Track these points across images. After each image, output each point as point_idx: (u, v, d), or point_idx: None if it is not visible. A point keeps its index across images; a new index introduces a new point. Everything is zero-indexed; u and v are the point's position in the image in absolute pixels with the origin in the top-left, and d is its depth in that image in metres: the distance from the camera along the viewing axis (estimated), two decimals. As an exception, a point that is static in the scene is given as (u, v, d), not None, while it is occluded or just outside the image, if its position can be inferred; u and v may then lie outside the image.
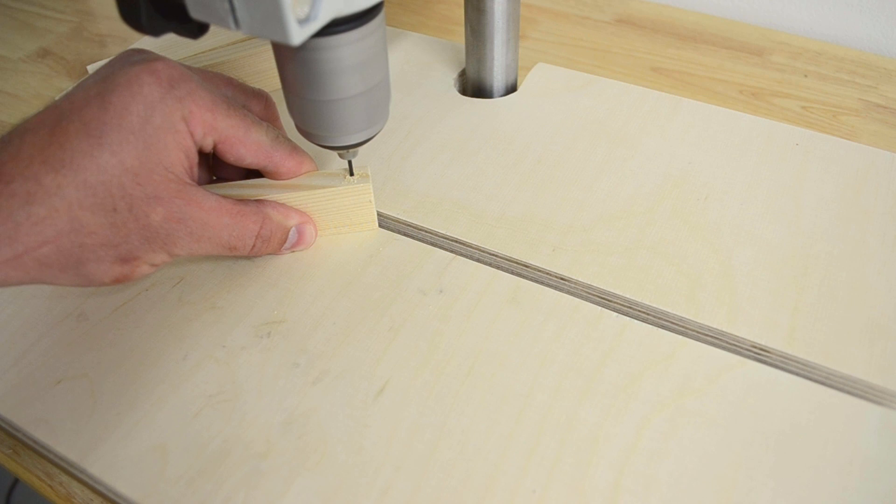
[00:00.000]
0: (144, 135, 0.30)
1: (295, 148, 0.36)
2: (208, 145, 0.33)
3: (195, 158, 0.33)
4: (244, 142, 0.33)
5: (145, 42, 0.56)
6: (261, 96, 0.37)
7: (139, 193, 0.30)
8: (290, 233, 0.37)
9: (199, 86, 0.32)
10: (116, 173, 0.29)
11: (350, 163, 0.37)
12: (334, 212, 0.38)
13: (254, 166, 0.35)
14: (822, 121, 0.49)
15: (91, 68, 0.50)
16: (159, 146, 0.30)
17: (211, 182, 0.38)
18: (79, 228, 0.29)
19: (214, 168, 0.38)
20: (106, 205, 0.29)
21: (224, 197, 0.34)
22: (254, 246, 0.35)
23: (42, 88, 0.55)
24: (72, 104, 0.30)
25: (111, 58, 0.33)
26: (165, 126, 0.30)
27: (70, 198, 0.28)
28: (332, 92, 0.32)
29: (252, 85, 0.38)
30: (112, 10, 0.64)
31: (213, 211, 0.33)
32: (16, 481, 0.83)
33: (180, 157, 0.31)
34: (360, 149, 0.36)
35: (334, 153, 0.37)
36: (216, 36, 0.51)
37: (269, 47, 0.43)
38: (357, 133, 0.34)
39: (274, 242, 0.36)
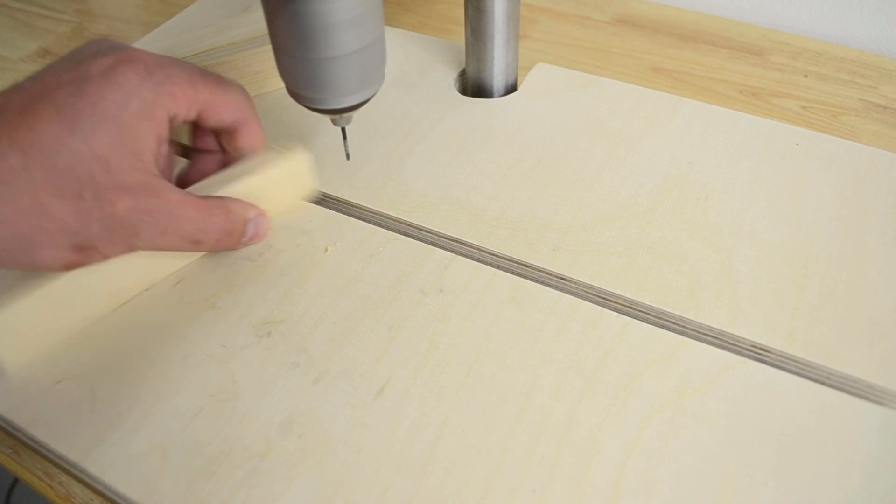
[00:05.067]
0: (119, 122, 0.29)
1: (260, 119, 0.37)
2: (192, 116, 0.33)
3: (166, 147, 0.33)
4: (225, 102, 0.34)
5: (146, 42, 0.56)
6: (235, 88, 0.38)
7: (107, 182, 0.29)
8: (249, 226, 0.37)
9: (173, 66, 0.32)
10: (86, 160, 0.29)
11: (344, 129, 0.36)
12: (276, 187, 0.39)
13: (231, 126, 0.36)
14: (822, 121, 0.49)
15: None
16: (132, 134, 0.30)
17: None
18: (41, 212, 0.29)
19: (192, 145, 0.38)
20: (72, 191, 0.29)
21: (186, 192, 0.34)
22: (218, 240, 0.35)
23: (42, 88, 0.55)
24: (43, 87, 0.29)
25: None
26: (142, 114, 0.30)
27: (35, 180, 0.28)
28: (325, 49, 0.31)
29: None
30: (112, 10, 0.64)
31: (179, 204, 0.33)
32: (16, 481, 0.82)
33: (152, 146, 0.31)
34: (360, 149, 0.36)
35: (326, 123, 0.36)
36: (216, 36, 0.51)
37: (269, 48, 0.43)
38: (351, 95, 0.33)
39: (235, 236, 0.37)
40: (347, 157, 0.42)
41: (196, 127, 0.37)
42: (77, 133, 0.29)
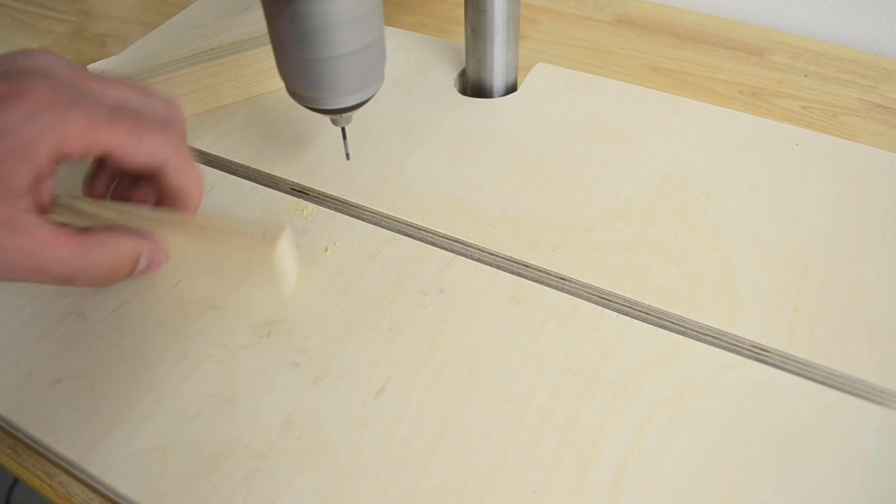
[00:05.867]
0: None
1: (194, 166, 0.34)
2: (97, 155, 0.31)
3: (50, 181, 0.31)
4: (137, 147, 0.31)
5: (146, 42, 0.56)
6: (168, 105, 0.35)
7: None
8: (141, 259, 0.34)
9: (74, 104, 0.30)
10: None
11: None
12: (244, 262, 0.34)
13: (148, 171, 0.33)
14: (822, 121, 0.49)
15: (91, 68, 0.50)
16: (1, 171, 0.29)
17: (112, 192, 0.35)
18: None
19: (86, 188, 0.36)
20: None
21: (66, 226, 0.31)
22: (98, 279, 0.32)
23: (42, 88, 0.55)
24: None
25: (111, 57, 0.31)
26: (15, 151, 0.29)
27: None
28: (324, 49, 0.30)
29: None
30: (112, 10, 0.64)
31: (45, 242, 0.30)
32: (16, 481, 0.82)
33: (24, 184, 0.30)
34: (360, 149, 0.36)
35: (326, 123, 0.36)
36: (216, 36, 0.51)
37: (269, 48, 0.43)
38: (351, 95, 0.33)
39: (120, 273, 0.33)
40: (347, 157, 0.42)
41: (101, 167, 0.35)
42: None
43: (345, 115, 0.35)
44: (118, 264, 0.33)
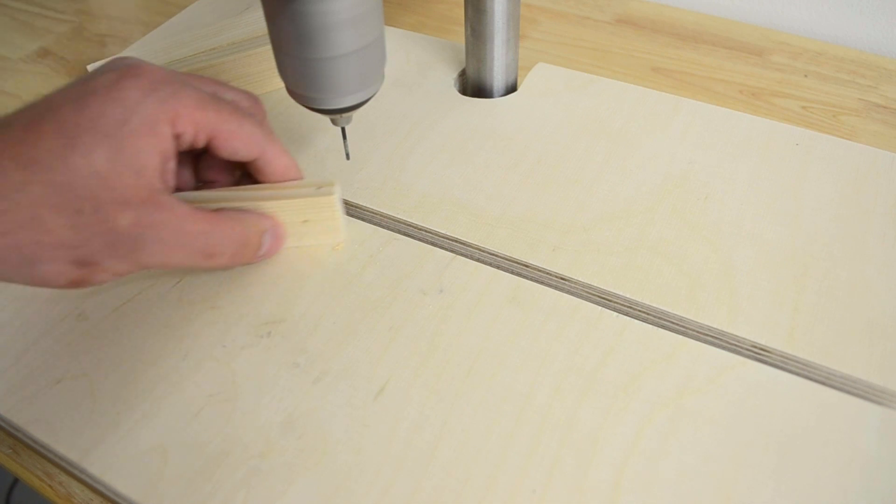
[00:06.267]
0: (119, 138, 0.29)
1: (286, 149, 0.36)
2: (201, 141, 0.33)
3: (172, 163, 0.32)
4: (238, 134, 0.33)
5: (146, 42, 0.56)
6: (249, 96, 0.37)
7: (107, 197, 0.29)
8: (265, 238, 0.36)
9: (183, 85, 0.32)
10: (85, 175, 0.29)
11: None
12: (299, 223, 0.38)
13: (247, 159, 0.35)
14: (822, 121, 0.49)
15: (91, 68, 0.50)
16: (133, 150, 0.30)
17: (196, 187, 0.37)
18: (38, 226, 0.29)
19: (200, 171, 0.38)
20: (70, 205, 0.29)
21: (196, 205, 0.33)
22: (233, 253, 0.35)
23: (42, 88, 0.55)
24: (49, 105, 0.30)
25: (111, 57, 0.33)
26: (143, 129, 0.30)
27: (34, 195, 0.28)
28: (324, 49, 0.31)
29: (250, 85, 0.37)
30: (112, 10, 0.64)
31: (186, 217, 0.32)
32: (16, 481, 0.82)
33: (155, 162, 0.31)
34: (360, 149, 0.36)
35: (326, 123, 0.36)
36: (216, 36, 0.51)
37: (269, 48, 0.43)
38: (350, 95, 0.33)
39: (250, 249, 0.36)
40: (347, 156, 0.42)
41: (206, 157, 0.37)
42: (77, 149, 0.29)
43: (344, 115, 0.35)
44: (247, 240, 0.35)
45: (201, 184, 0.38)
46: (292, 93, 0.34)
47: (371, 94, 0.34)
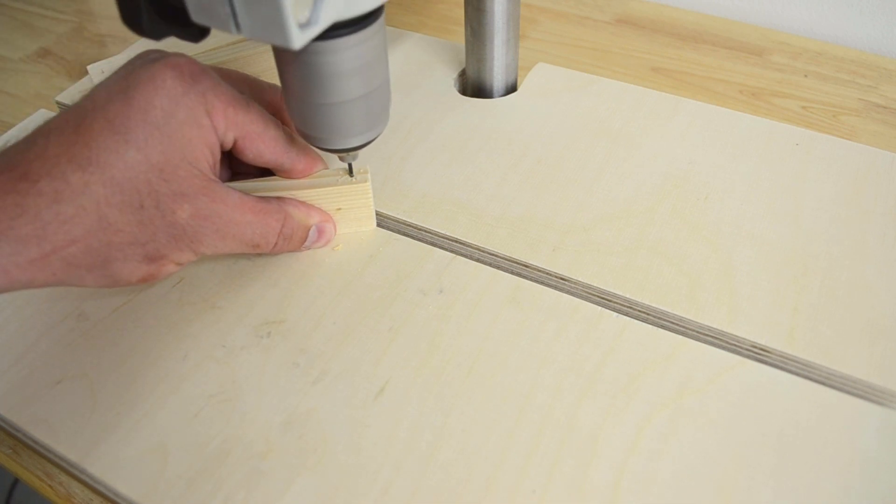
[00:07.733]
0: (169, 129, 0.29)
1: (307, 147, 0.36)
2: (229, 141, 0.33)
3: (218, 154, 0.32)
4: (263, 137, 0.33)
5: (145, 42, 0.56)
6: (275, 89, 0.37)
7: (165, 190, 0.30)
8: (311, 231, 0.37)
9: (218, 81, 0.32)
10: (143, 169, 0.29)
11: (350, 165, 0.37)
12: (333, 211, 0.39)
13: (270, 164, 0.35)
14: (822, 121, 0.49)
15: (91, 68, 0.50)
16: (183, 141, 0.30)
17: (231, 180, 0.38)
18: (107, 226, 0.29)
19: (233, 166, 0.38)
20: (133, 202, 0.29)
21: (245, 194, 0.34)
22: (276, 244, 0.35)
23: (42, 88, 0.55)
24: (94, 102, 0.29)
25: (111, 57, 0.33)
26: (189, 120, 0.30)
27: (97, 195, 0.28)
28: (332, 95, 0.32)
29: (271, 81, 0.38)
30: (112, 10, 0.64)
31: (237, 208, 0.32)
32: (16, 481, 0.82)
33: (205, 153, 0.31)
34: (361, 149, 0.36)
35: (334, 155, 0.37)
36: (215, 37, 0.51)
37: (268, 48, 0.44)
38: (357, 136, 0.34)
39: (295, 240, 0.37)
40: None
41: (231, 157, 0.37)
42: (131, 144, 0.29)
43: (351, 152, 0.36)
44: (290, 234, 0.36)
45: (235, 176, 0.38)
46: (301, 133, 0.35)
47: (377, 135, 0.35)
